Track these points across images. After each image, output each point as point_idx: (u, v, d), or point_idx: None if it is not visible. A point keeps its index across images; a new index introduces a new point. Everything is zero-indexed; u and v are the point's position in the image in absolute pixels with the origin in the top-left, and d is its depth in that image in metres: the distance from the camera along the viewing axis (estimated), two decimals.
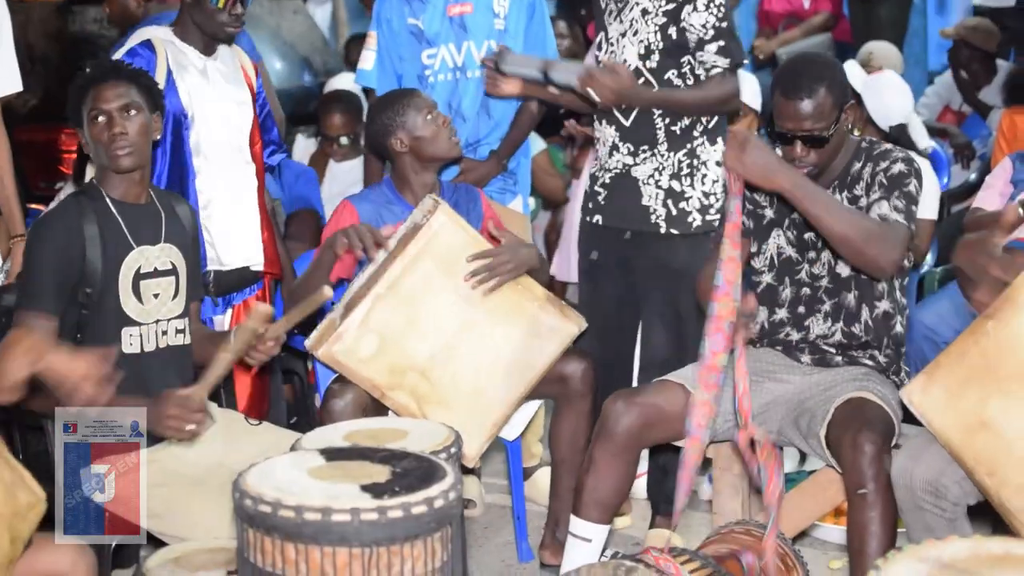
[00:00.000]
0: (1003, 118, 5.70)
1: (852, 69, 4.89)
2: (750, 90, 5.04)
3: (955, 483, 3.10)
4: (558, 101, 4.33)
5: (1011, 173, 4.72)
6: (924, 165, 4.91)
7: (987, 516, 3.15)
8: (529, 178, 4.63)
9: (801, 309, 3.59)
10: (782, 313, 3.63)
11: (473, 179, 4.31)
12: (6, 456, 2.67)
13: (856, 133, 4.71)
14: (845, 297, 3.54)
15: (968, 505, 3.13)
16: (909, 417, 3.45)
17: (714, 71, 3.94)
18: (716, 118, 4.03)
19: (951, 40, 6.90)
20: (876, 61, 6.23)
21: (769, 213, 3.62)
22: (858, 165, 3.49)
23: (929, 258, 5.21)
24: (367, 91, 4.73)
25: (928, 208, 4.82)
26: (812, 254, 3.56)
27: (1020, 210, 4.32)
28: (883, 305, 3.54)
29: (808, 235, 3.54)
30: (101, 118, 3.35)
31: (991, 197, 4.74)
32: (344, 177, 5.51)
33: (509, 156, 4.47)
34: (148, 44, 3.94)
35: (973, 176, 6.09)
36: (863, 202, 3.44)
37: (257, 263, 4.10)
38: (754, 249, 3.64)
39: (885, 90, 4.90)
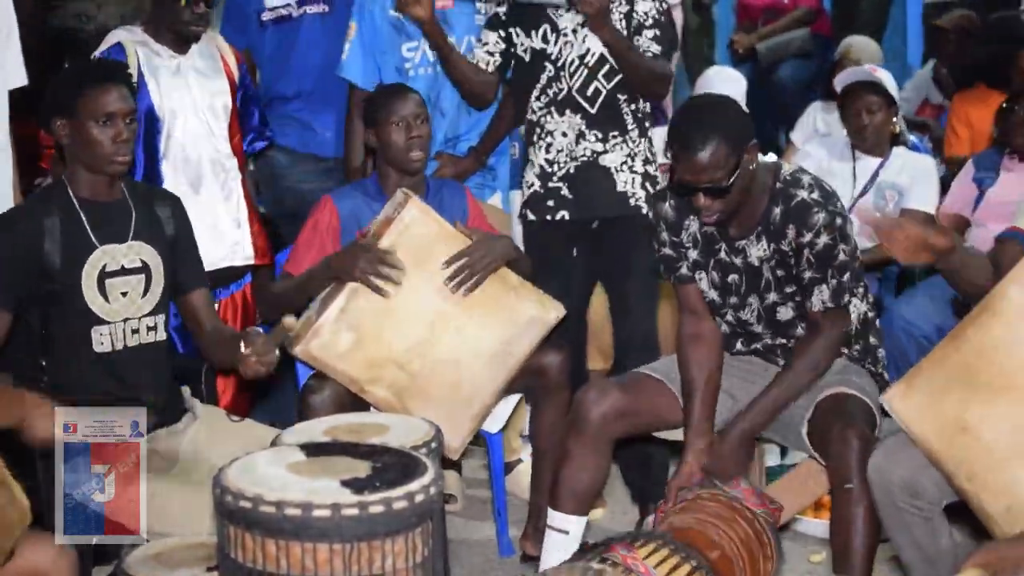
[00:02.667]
0: (954, 102, 5.75)
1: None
2: (736, 89, 5.07)
3: (933, 483, 3.09)
4: (456, 69, 4.22)
5: (972, 173, 4.78)
6: (928, 162, 4.93)
7: (965, 517, 3.16)
8: (508, 174, 4.60)
9: (740, 344, 3.60)
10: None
11: (451, 175, 4.30)
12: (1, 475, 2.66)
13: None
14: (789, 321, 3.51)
15: (947, 504, 3.13)
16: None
17: (647, 55, 4.05)
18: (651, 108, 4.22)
19: (946, 29, 6.84)
20: (855, 55, 6.23)
21: (693, 254, 3.54)
22: (777, 211, 3.36)
23: None
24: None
25: (928, 202, 4.82)
26: (734, 299, 3.51)
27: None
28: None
29: (732, 277, 3.49)
30: (108, 121, 3.31)
31: (952, 200, 4.80)
32: None
33: (489, 152, 4.46)
34: (119, 47, 3.91)
35: None
36: (795, 271, 3.37)
37: (240, 259, 4.10)
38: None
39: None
